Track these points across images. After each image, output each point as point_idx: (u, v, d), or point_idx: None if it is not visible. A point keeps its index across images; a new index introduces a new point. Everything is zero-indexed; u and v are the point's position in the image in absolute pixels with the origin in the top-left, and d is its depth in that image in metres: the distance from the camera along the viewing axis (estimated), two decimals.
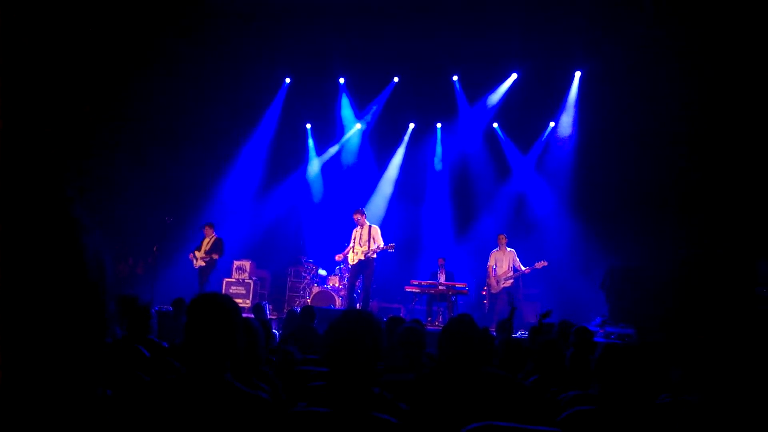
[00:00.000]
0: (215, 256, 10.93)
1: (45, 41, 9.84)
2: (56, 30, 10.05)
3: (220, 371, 2.00)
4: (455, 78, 13.29)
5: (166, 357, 3.60)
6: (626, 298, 10.13)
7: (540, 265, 10.81)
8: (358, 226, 10.45)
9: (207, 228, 11.17)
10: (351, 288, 10.63)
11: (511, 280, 10.93)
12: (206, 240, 11.08)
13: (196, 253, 11.03)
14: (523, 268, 10.91)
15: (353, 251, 10.42)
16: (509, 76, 12.92)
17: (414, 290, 10.80)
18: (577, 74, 12.55)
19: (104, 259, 0.93)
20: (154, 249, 10.97)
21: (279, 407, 2.36)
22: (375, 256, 10.35)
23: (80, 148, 11.30)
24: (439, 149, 13.86)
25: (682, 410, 2.77)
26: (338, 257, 10.85)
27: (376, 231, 10.43)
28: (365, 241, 10.29)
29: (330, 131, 14.09)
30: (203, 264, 10.94)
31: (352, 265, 10.48)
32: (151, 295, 10.75)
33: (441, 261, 11.43)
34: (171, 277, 11.64)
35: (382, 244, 10.23)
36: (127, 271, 12.25)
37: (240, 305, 2.20)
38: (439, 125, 13.80)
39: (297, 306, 10.77)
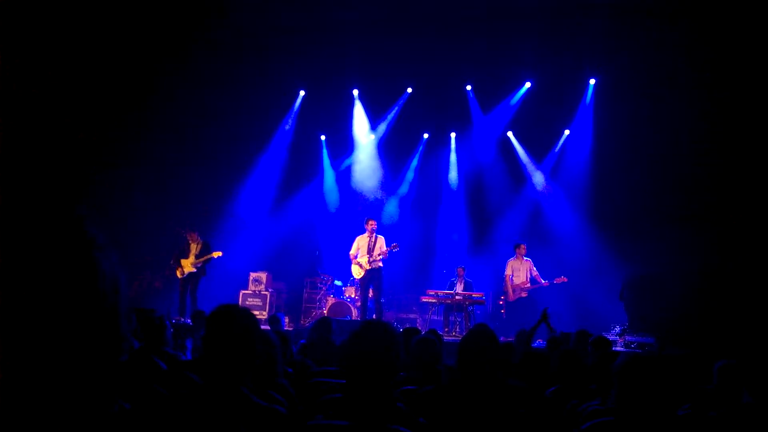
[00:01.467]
0: (212, 257, 10.67)
1: (63, 53, 9.97)
2: (73, 42, 10.18)
3: (237, 384, 1.99)
4: (469, 87, 13.28)
5: (183, 370, 3.61)
6: (646, 307, 10.02)
7: (559, 280, 10.74)
8: (366, 234, 10.47)
9: (192, 234, 10.83)
10: (365, 299, 10.61)
11: (527, 291, 10.87)
12: (193, 245, 10.78)
13: (184, 260, 10.71)
14: (542, 281, 10.84)
15: (358, 264, 10.43)
16: (523, 84, 12.89)
17: (430, 300, 10.76)
18: (592, 82, 12.49)
19: (119, 277, 0.93)
20: (171, 262, 11.03)
21: (295, 420, 2.35)
22: (381, 264, 10.37)
23: (97, 161, 11.41)
24: (453, 158, 13.84)
25: (704, 422, 2.72)
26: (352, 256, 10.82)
27: (382, 241, 10.46)
28: (371, 250, 10.33)
29: (344, 142, 14.12)
30: (193, 270, 10.66)
31: (361, 278, 10.48)
32: (169, 308, 10.80)
33: (460, 270, 11.33)
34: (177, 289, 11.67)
35: (385, 249, 10.28)
36: (145, 285, 12.31)
37: (256, 317, 2.19)
38: (453, 135, 13.79)
39: (318, 317, 10.79)
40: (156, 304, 10.19)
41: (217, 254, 10.74)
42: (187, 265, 10.67)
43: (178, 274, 10.74)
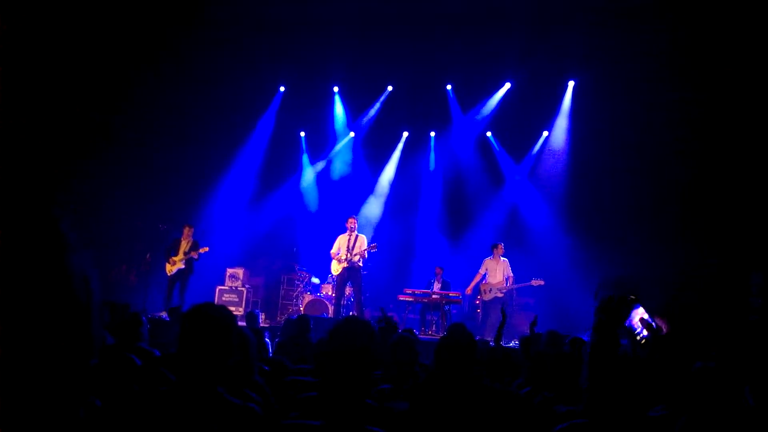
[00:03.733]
0: (200, 252, 10.80)
1: (40, 47, 9.81)
2: (51, 36, 10.03)
3: (212, 382, 1.97)
4: (449, 87, 13.32)
5: (158, 366, 3.57)
6: None
7: (536, 283, 10.80)
8: (347, 233, 10.48)
9: (188, 229, 11.02)
10: (340, 296, 10.61)
11: (503, 292, 10.92)
12: (184, 243, 10.95)
13: (174, 257, 10.85)
14: (512, 284, 10.91)
15: (337, 259, 10.44)
16: (503, 85, 12.96)
17: (407, 299, 10.78)
18: (571, 84, 12.60)
19: (91, 278, 0.92)
20: (147, 257, 10.92)
21: (270, 419, 2.34)
22: (361, 264, 10.38)
23: (73, 154, 11.25)
24: (432, 158, 13.88)
25: (675, 422, 2.76)
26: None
27: (363, 240, 10.47)
28: (351, 247, 10.34)
29: (324, 139, 14.10)
30: (182, 266, 10.80)
31: (339, 274, 10.48)
32: (144, 303, 10.70)
33: (438, 270, 11.39)
34: (164, 285, 11.59)
35: (364, 249, 10.31)
36: (120, 279, 12.18)
37: (233, 314, 2.17)
38: (432, 134, 13.82)
39: (292, 314, 10.75)
40: (131, 299, 10.08)
41: (203, 249, 10.87)
42: (177, 262, 10.79)
43: (167, 271, 10.84)
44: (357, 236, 10.49)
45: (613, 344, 2.31)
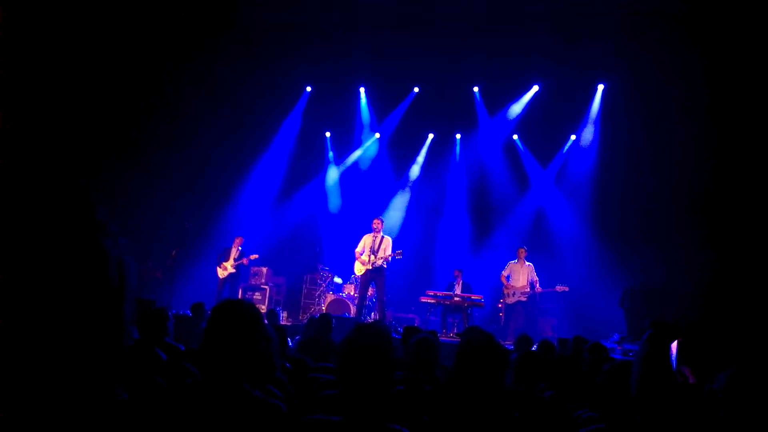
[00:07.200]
0: (251, 258, 11.65)
1: (71, 42, 9.98)
2: (81, 30, 10.19)
3: (237, 378, 2.00)
4: (476, 89, 13.26)
5: (182, 361, 3.62)
6: (645, 316, 10.02)
7: (561, 289, 10.70)
8: (372, 233, 10.44)
9: (239, 239, 11.85)
10: (363, 297, 10.60)
11: (527, 296, 10.85)
12: (234, 250, 11.70)
13: (225, 263, 11.62)
14: (537, 288, 10.82)
15: (361, 261, 10.42)
16: (530, 88, 12.86)
17: (429, 301, 10.76)
18: (600, 87, 12.46)
19: (126, 264, 0.94)
20: (173, 253, 11.05)
21: (293, 415, 2.36)
22: (386, 265, 10.35)
23: (100, 152, 11.41)
24: (458, 160, 13.83)
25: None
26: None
27: (388, 242, 10.42)
28: (376, 249, 10.31)
29: (349, 140, 14.13)
30: (233, 271, 11.63)
31: (362, 275, 10.47)
32: (170, 299, 10.83)
33: (457, 272, 11.35)
34: (189, 282, 11.74)
35: (389, 254, 10.27)
36: (145, 275, 12.34)
37: (259, 309, 2.20)
38: (458, 136, 13.78)
39: (315, 313, 10.80)
40: (157, 295, 10.22)
41: (253, 256, 11.71)
42: (228, 267, 11.64)
43: (219, 275, 11.67)
44: (383, 238, 10.43)
45: (664, 360, 2.30)
